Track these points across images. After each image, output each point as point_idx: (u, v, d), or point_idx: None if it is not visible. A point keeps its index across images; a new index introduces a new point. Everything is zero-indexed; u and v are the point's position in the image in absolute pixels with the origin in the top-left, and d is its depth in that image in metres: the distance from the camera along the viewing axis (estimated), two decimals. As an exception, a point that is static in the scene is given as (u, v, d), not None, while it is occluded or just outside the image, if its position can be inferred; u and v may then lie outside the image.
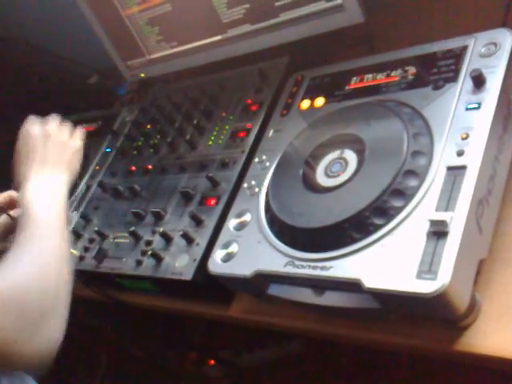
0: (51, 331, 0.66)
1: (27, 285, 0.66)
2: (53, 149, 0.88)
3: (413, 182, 0.68)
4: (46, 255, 0.71)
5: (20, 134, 0.91)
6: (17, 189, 0.87)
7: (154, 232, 0.93)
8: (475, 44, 0.76)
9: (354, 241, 0.68)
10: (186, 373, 1.85)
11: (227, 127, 1.00)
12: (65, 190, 0.84)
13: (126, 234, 0.96)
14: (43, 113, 1.58)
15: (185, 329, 1.79)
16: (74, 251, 1.04)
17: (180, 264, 0.85)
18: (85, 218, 1.08)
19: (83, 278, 1.02)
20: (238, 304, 0.88)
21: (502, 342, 0.63)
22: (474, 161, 0.65)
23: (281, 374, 1.63)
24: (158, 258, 0.88)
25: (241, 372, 1.74)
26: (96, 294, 1.04)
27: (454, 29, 0.87)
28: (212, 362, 1.81)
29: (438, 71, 0.78)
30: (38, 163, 0.86)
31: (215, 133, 1.01)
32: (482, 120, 0.68)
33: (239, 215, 0.84)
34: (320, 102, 0.89)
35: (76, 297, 0.75)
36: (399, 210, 0.67)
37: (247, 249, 0.79)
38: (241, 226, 0.82)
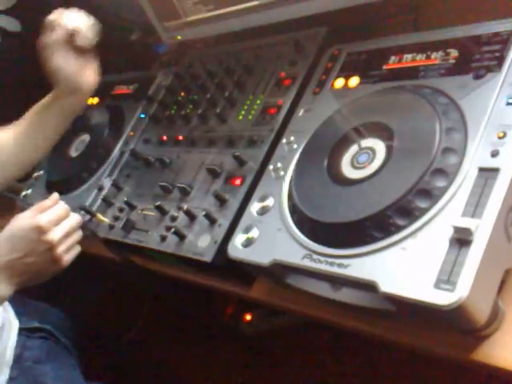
0: None
1: None
2: (36, 263, 0.82)
3: (441, 183, 0.64)
4: None
5: (28, 217, 0.84)
6: None
7: (179, 208, 0.93)
8: (525, 28, 0.70)
9: (374, 240, 0.65)
10: (222, 327, 1.89)
11: (258, 102, 0.97)
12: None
13: (153, 207, 0.96)
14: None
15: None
16: (106, 219, 1.05)
17: (202, 244, 0.85)
18: (116, 185, 1.08)
19: (113, 245, 1.04)
20: (260, 285, 0.87)
21: (522, 357, 0.60)
22: (508, 164, 0.60)
23: (313, 336, 1.64)
24: (180, 236, 0.88)
25: (274, 331, 1.77)
26: (123, 261, 1.06)
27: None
28: (248, 317, 1.85)
29: (481, 58, 0.72)
30: (10, 263, 0.80)
31: (246, 107, 0.98)
32: (523, 118, 0.63)
33: (262, 199, 0.82)
34: (354, 81, 0.84)
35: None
36: (424, 211, 0.63)
37: (267, 235, 0.77)
38: (263, 211, 0.80)
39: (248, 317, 1.86)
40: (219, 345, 1.87)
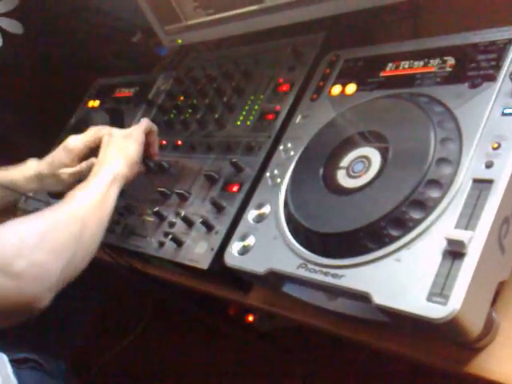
0: (29, 266, 0.70)
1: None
2: (112, 144, 0.94)
3: (435, 193, 0.64)
4: (72, 215, 0.80)
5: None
6: None
7: (177, 214, 0.93)
8: (521, 37, 0.69)
9: (369, 251, 0.65)
10: (227, 326, 1.90)
11: (256, 107, 0.97)
12: (108, 178, 0.88)
13: (152, 213, 0.96)
14: (88, 70, 1.60)
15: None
16: None
17: (198, 251, 0.85)
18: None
19: (112, 249, 1.04)
20: (257, 293, 0.88)
21: (516, 370, 0.60)
22: (502, 175, 0.60)
23: (316, 337, 1.64)
24: (178, 242, 0.88)
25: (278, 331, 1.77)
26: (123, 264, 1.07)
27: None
28: (250, 318, 1.85)
29: (477, 66, 0.71)
30: (99, 160, 0.93)
31: (244, 112, 0.98)
32: (517, 129, 0.62)
33: (259, 206, 0.82)
34: (351, 89, 0.84)
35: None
36: (418, 222, 0.63)
37: (263, 243, 0.77)
38: (260, 219, 0.80)
39: (250, 318, 1.86)
40: (223, 345, 1.88)
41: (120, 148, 0.94)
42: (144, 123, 0.98)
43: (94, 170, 0.91)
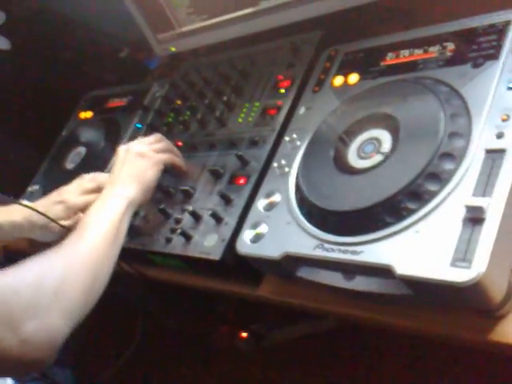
0: (38, 330, 0.66)
1: (20, 284, 0.68)
2: (129, 163, 0.90)
3: (449, 165, 0.65)
4: (69, 261, 0.74)
5: None
6: None
7: (183, 210, 0.93)
8: (520, 19, 0.72)
9: (387, 225, 0.66)
10: (218, 346, 1.87)
11: (257, 104, 0.98)
12: (123, 205, 0.85)
13: (157, 211, 0.95)
14: (76, 86, 1.60)
15: (217, 302, 1.80)
16: None
17: (209, 243, 0.85)
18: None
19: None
20: (268, 284, 0.87)
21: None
22: (514, 144, 0.62)
23: (311, 351, 1.63)
24: (187, 237, 0.88)
25: (271, 347, 1.76)
26: (126, 270, 1.05)
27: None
28: (243, 335, 1.83)
29: (478, 48, 0.74)
30: (112, 178, 0.90)
31: (245, 110, 0.99)
32: (525, 100, 0.65)
33: (268, 195, 0.82)
34: (354, 78, 0.86)
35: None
36: (434, 194, 0.64)
37: (276, 230, 0.78)
38: (270, 207, 0.81)
39: (244, 334, 1.84)
40: (215, 363, 1.85)
41: (138, 170, 0.90)
42: (162, 144, 0.96)
43: (106, 191, 0.87)
